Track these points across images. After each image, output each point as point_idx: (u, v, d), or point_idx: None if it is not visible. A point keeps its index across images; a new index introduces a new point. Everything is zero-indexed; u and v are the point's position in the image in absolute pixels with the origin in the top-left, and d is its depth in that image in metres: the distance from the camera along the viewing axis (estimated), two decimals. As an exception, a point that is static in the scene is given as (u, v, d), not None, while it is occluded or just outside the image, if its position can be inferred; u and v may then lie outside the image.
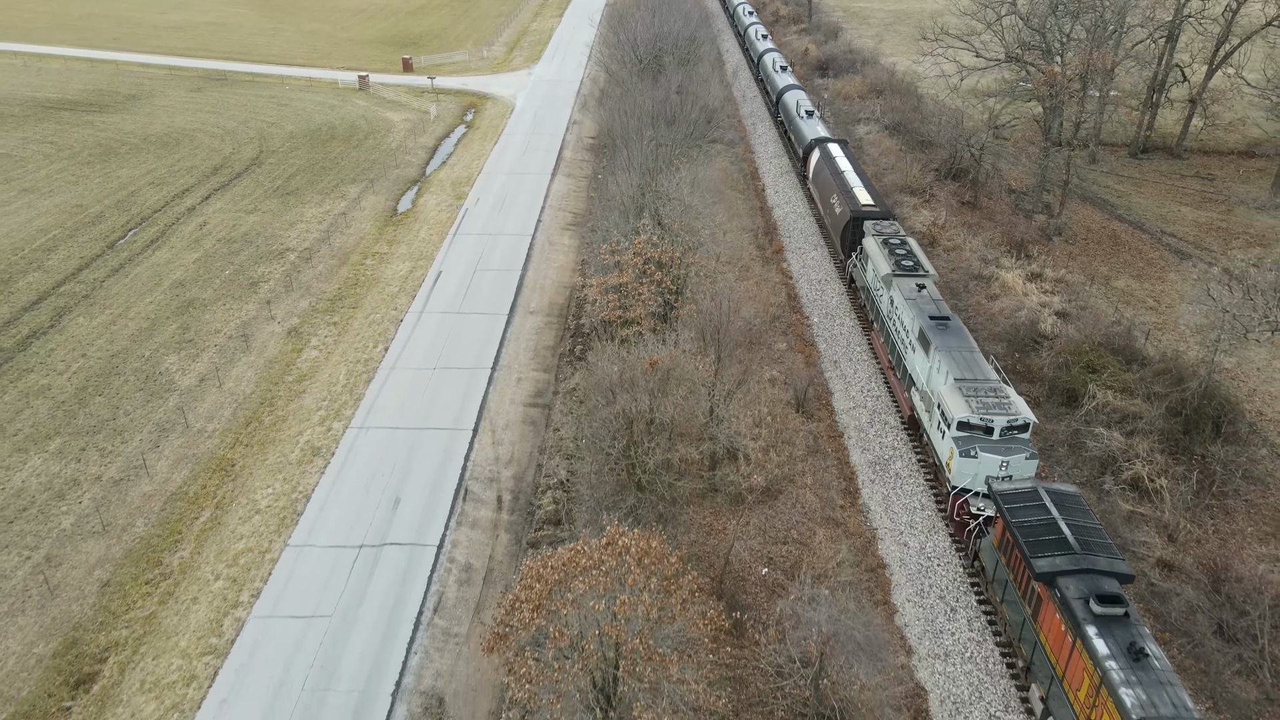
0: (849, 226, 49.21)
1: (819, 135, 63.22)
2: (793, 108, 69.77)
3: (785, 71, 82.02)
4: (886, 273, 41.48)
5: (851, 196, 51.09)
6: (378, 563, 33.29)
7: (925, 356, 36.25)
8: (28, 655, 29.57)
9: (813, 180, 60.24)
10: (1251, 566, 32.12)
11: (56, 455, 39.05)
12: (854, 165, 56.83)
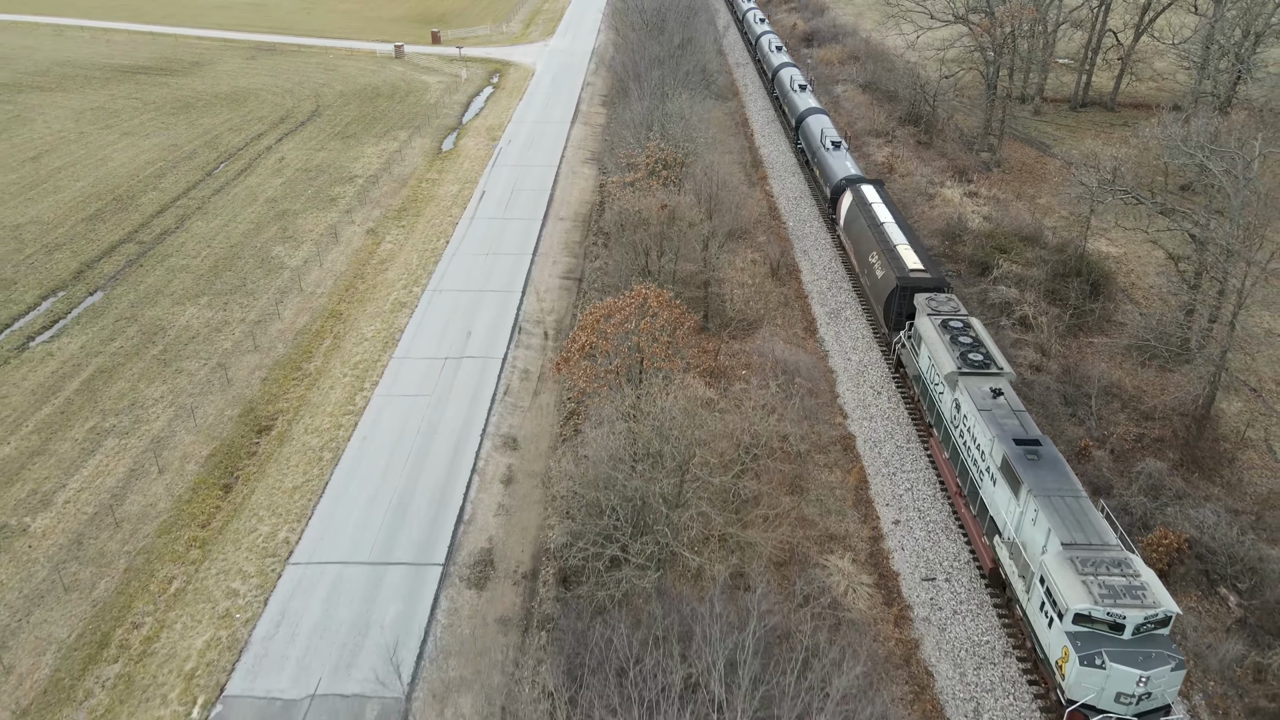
0: (895, 296, 42.33)
1: (850, 174, 56.51)
2: (817, 136, 63.82)
3: (804, 90, 76.17)
4: (950, 370, 34.24)
5: (896, 259, 43.94)
6: (460, 368, 45.55)
7: (1013, 497, 28.59)
8: (221, 416, 41.85)
9: (844, 229, 53.24)
10: (1092, 365, 44.44)
11: (207, 306, 51.31)
12: (896, 215, 49.34)
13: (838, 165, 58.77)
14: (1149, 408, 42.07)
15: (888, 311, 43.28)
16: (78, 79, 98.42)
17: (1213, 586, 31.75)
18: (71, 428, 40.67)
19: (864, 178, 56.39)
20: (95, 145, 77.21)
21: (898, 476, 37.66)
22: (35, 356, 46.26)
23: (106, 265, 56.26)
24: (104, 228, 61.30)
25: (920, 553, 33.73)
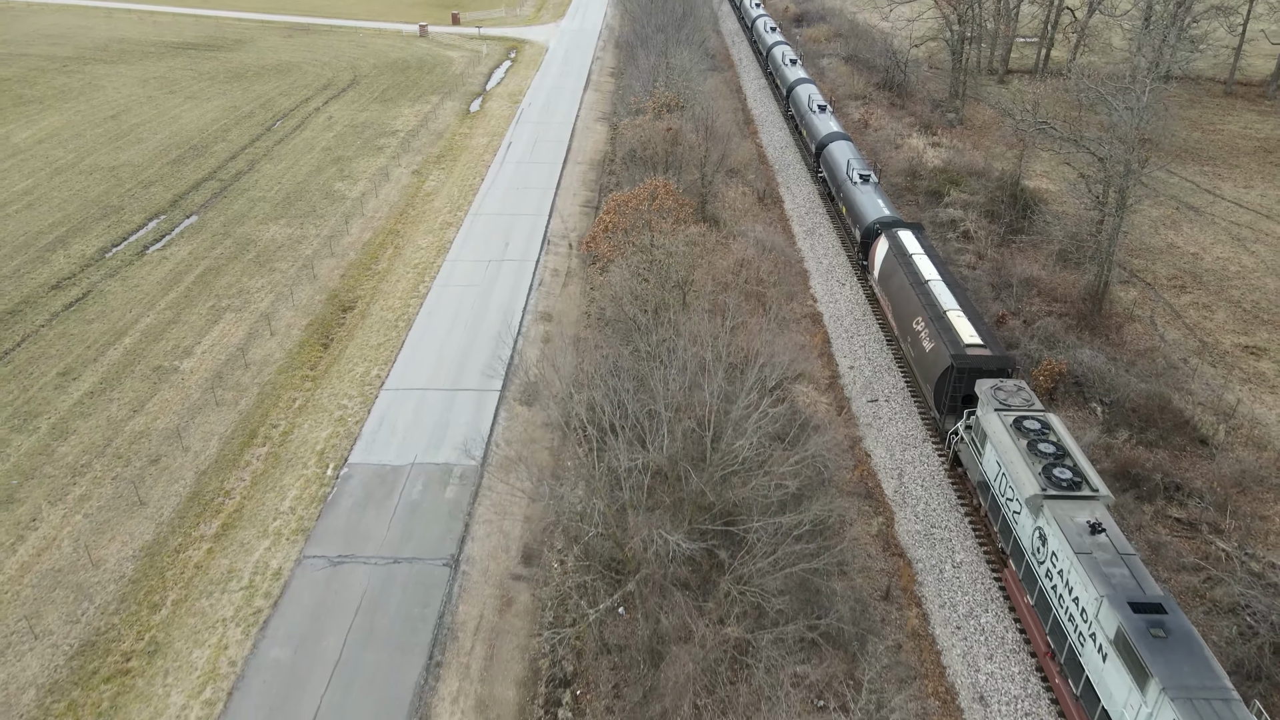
0: (949, 378, 35.97)
1: (885, 216, 50.42)
2: (843, 166, 57.48)
3: (824, 112, 69.57)
4: (1033, 493, 27.66)
5: (948, 330, 37.61)
6: (501, 268, 55.69)
7: (1135, 689, 22.24)
8: (312, 300, 52.01)
9: (880, 281, 47.00)
10: (1018, 265, 54.54)
11: (286, 225, 61.45)
12: (943, 270, 42.95)
13: (869, 205, 52.13)
14: (1059, 294, 52.20)
15: (939, 394, 36.43)
16: (135, 54, 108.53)
17: (1085, 401, 41.87)
18: (195, 306, 50.85)
19: (901, 220, 50.35)
20: (164, 107, 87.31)
21: (854, 340, 47.92)
22: (153, 260, 56.44)
23: (195, 197, 66.40)
24: (186, 169, 71.43)
25: (867, 385, 44.02)
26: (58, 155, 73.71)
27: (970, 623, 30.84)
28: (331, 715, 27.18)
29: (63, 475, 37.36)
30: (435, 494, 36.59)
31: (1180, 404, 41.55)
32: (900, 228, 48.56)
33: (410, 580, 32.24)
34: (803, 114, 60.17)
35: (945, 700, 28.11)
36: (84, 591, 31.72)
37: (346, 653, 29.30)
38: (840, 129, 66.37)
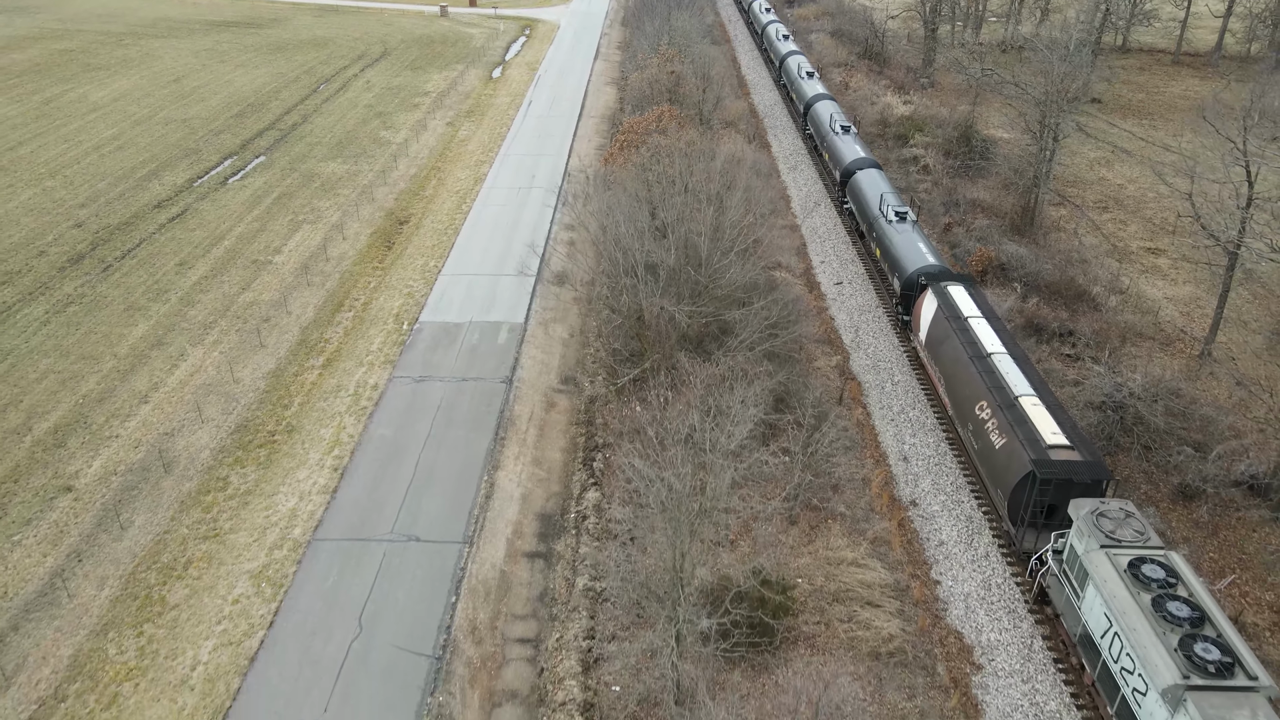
0: (1029, 488, 29.56)
1: (930, 266, 43.55)
2: (875, 202, 51.64)
3: (848, 132, 64.61)
4: (1171, 681, 21.50)
5: (1025, 425, 31.24)
6: (530, 194, 65.74)
7: None
8: (374, 215, 62.09)
9: (927, 346, 40.31)
10: (966, 189, 64.57)
11: (342, 163, 71.51)
12: (1008, 340, 36.88)
13: (908, 250, 45.26)
14: (999, 211, 62.26)
15: (1015, 505, 29.89)
16: (181, 30, 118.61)
17: (1008, 280, 51.88)
18: (276, 220, 60.94)
19: (948, 271, 43.24)
20: (218, 73, 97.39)
21: (825, 245, 58.06)
22: (234, 188, 66.53)
23: (260, 142, 76.49)
24: (249, 122, 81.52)
25: (834, 273, 54.19)
26: (133, 110, 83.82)
27: (901, 416, 41.00)
28: (428, 466, 37.28)
29: (197, 329, 47.48)
30: (490, 340, 46.73)
31: (1084, 283, 51.66)
32: (950, 282, 41.40)
33: (477, 391, 42.37)
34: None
35: (878, 459, 38.21)
36: (232, 396, 41.85)
37: (434, 431, 39.44)
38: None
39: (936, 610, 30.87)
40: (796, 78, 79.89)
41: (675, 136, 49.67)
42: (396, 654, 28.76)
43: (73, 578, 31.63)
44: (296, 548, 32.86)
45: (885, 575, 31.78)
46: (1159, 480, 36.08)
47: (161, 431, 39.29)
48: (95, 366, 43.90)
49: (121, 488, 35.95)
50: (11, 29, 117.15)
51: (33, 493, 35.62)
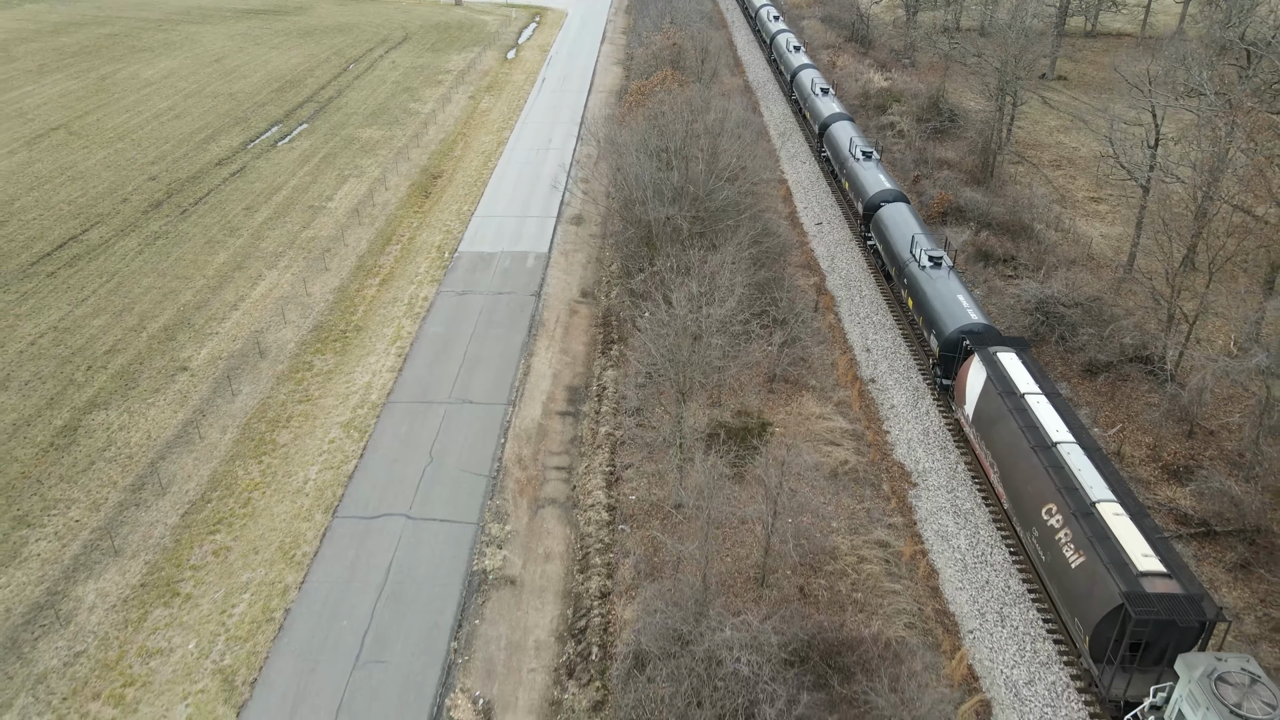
0: (1119, 624, 25.09)
1: (974, 325, 38.41)
2: (905, 242, 46.89)
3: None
4: None
5: (1109, 543, 26.55)
6: (548, 154, 73.91)
7: None
8: (410, 171, 70.27)
9: (975, 425, 35.45)
10: (935, 150, 72.73)
11: (377, 129, 79.69)
12: (1080, 430, 31.76)
13: (947, 302, 40.50)
14: (963, 168, 70.40)
15: (1099, 643, 25.64)
16: (214, 16, 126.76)
17: (964, 220, 60.00)
18: (325, 174, 69.09)
19: (995, 331, 38.41)
20: (254, 55, 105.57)
21: (809, 195, 66.31)
22: (284, 149, 74.70)
23: (301, 112, 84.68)
24: (288, 95, 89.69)
25: (815, 215, 62.41)
26: (183, 85, 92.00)
27: (866, 320, 49.23)
28: (474, 354, 45.44)
29: (269, 257, 55.69)
30: (519, 265, 54.95)
31: (1029, 221, 59.83)
32: (1000, 347, 36.54)
33: (511, 302, 50.59)
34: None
35: (845, 350, 46.39)
36: (306, 305, 50.07)
37: (477, 330, 47.64)
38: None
39: (885, 449, 39.10)
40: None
41: (677, 93, 57.79)
42: (460, 474, 36.98)
43: (200, 427, 39.84)
44: (374, 408, 41.07)
45: (846, 425, 40.02)
46: (1071, 361, 44.31)
47: (252, 330, 47.51)
48: (188, 284, 52.12)
49: (227, 368, 44.15)
50: (55, 15, 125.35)
51: (156, 371, 43.82)
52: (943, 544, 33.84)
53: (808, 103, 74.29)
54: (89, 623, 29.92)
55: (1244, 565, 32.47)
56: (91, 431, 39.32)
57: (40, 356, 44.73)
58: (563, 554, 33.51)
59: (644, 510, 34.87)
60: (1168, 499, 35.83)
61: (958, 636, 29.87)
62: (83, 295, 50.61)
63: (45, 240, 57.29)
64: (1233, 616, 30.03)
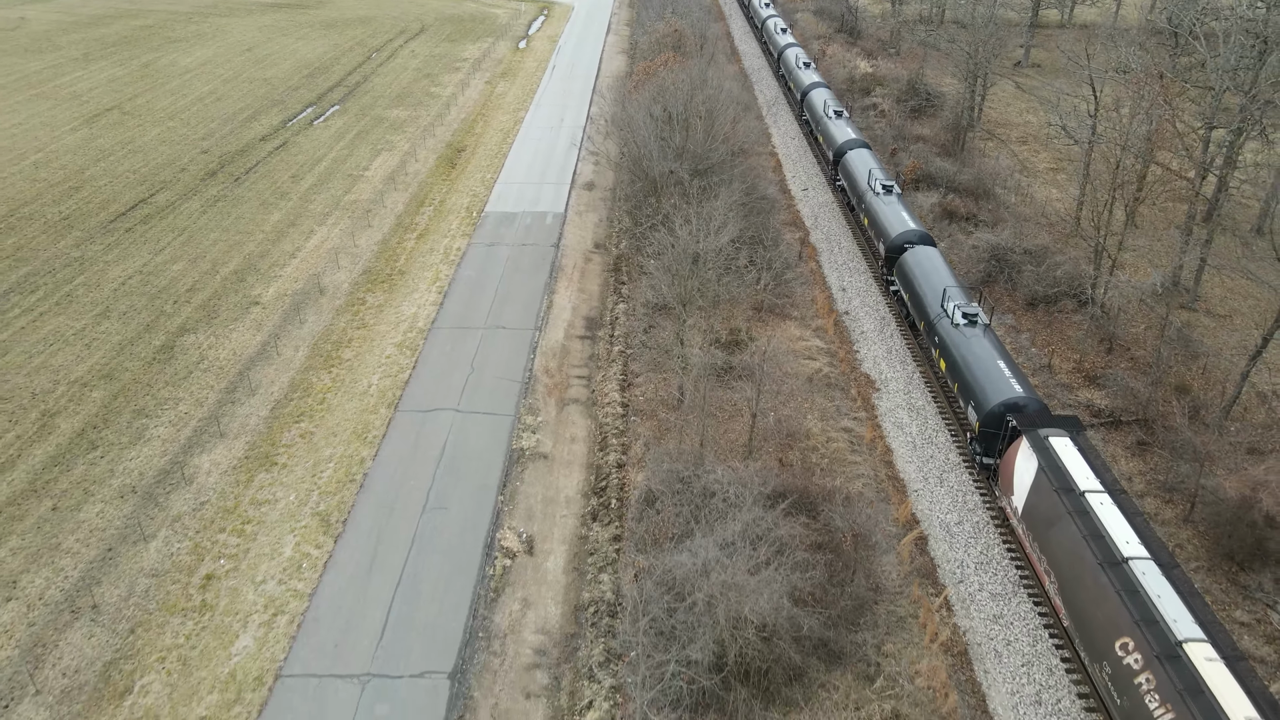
0: None
1: (1020, 398, 34.44)
2: (935, 297, 42.86)
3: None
4: None
5: (1202, 699, 22.14)
6: (560, 131, 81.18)
7: None
8: (437, 145, 77.56)
9: (1025, 520, 31.24)
10: (913, 127, 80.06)
11: (403, 110, 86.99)
12: (1153, 541, 27.25)
13: (985, 369, 36.74)
14: (936, 142, 77.70)
15: None
16: (240, 10, 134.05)
17: (934, 186, 67.29)
18: (359, 148, 76.40)
19: (1042, 408, 34.41)
20: (282, 44, 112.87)
21: (798, 165, 73.68)
22: (320, 127, 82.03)
23: (332, 95, 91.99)
24: (318, 81, 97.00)
25: (802, 182, 69.77)
26: (219, 72, 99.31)
27: (843, 266, 56.57)
28: (504, 292, 52.72)
29: (318, 216, 63.01)
30: (539, 223, 62.29)
31: (992, 187, 67.13)
32: (1051, 430, 32.28)
33: (533, 252, 57.90)
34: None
35: (824, 289, 53.69)
36: (355, 254, 57.39)
37: (505, 273, 54.97)
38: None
39: (854, 364, 46.44)
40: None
41: (679, 70, 65.10)
42: (498, 380, 44.33)
43: (277, 346, 47.18)
44: (421, 332, 48.41)
45: (821, 344, 47.40)
46: (1016, 297, 51.65)
47: (310, 273, 54.85)
48: (250, 238, 59.46)
49: (292, 303, 51.48)
50: (88, 8, 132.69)
51: (232, 305, 51.16)
52: (898, 431, 41.23)
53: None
54: (208, 482, 37.27)
55: (1141, 444, 39.82)
56: (186, 350, 46.66)
57: (132, 293, 52.07)
58: (585, 438, 40.86)
59: (651, 406, 42.21)
60: (1086, 399, 43.21)
61: (905, 493, 37.24)
62: (159, 246, 57.94)
63: (119, 202, 64.62)
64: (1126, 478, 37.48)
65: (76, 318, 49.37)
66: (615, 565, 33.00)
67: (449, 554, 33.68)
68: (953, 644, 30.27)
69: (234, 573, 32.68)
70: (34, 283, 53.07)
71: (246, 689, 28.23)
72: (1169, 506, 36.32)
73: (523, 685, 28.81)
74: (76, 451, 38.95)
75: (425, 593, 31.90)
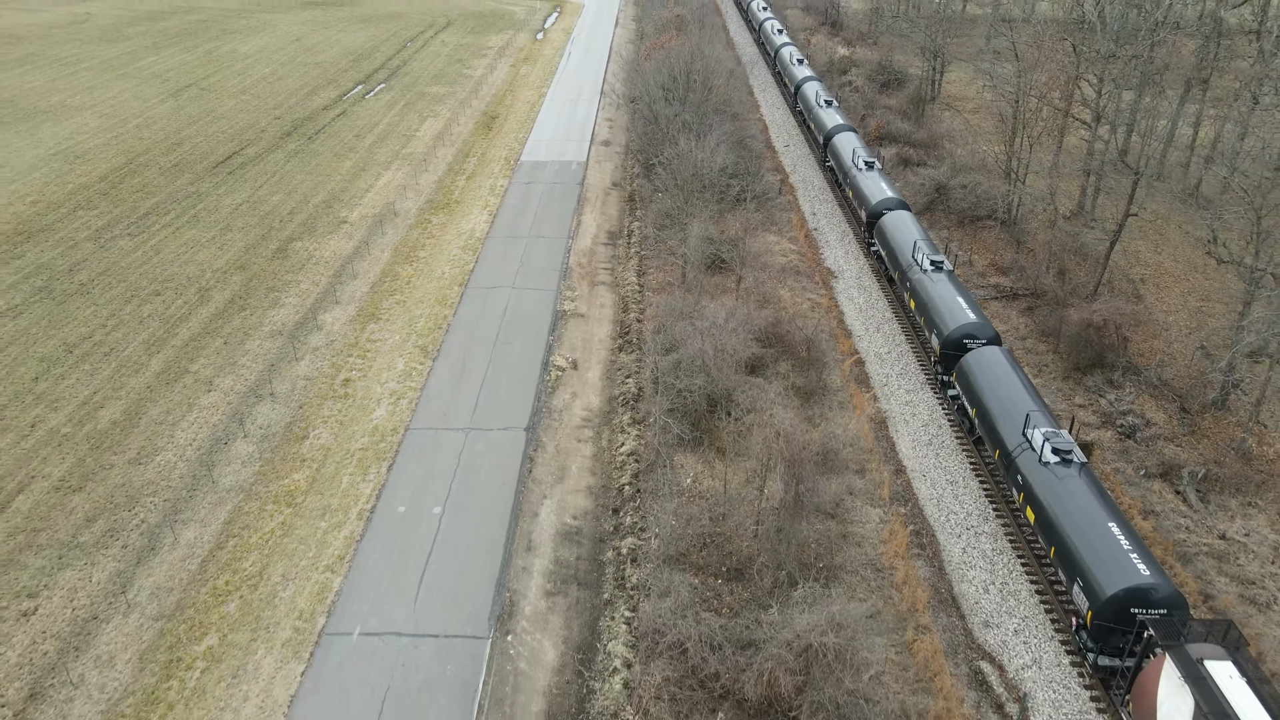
0: None
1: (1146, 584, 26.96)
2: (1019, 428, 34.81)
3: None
4: None
5: None
6: (578, 104, 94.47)
7: None
8: (474, 112, 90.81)
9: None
10: (882, 100, 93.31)
11: (442, 87, 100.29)
12: None
13: (1099, 550, 28.75)
14: (902, 112, 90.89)
15: None
16: (282, 7, 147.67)
17: (895, 141, 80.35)
18: (408, 116, 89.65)
19: (1178, 603, 26.81)
20: (326, 35, 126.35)
21: (783, 131, 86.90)
22: (371, 100, 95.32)
23: (378, 75, 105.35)
24: (363, 65, 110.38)
25: (785, 140, 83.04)
26: (276, 57, 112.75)
27: (815, 199, 69.80)
28: (541, 215, 65.80)
29: (382, 164, 76.18)
30: (565, 169, 75.49)
31: (941, 141, 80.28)
32: (1213, 654, 24.22)
33: (563, 188, 71.05)
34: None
35: (799, 214, 66.80)
36: (418, 190, 70.54)
37: (541, 201, 68.08)
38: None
39: (818, 260, 59.53)
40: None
41: (681, 42, 78.39)
42: (542, 270, 57.39)
43: (367, 250, 60.20)
44: (479, 240, 61.48)
45: (794, 248, 60.50)
46: (950, 216, 64.79)
47: (384, 202, 68.00)
48: (329, 178, 72.62)
49: (374, 221, 64.56)
50: (145, 5, 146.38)
51: (326, 224, 64.23)
52: (848, 302, 54.35)
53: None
54: (334, 329, 50.28)
55: (1029, 309, 52.85)
56: (296, 252, 59.74)
57: (244, 215, 65.21)
58: (611, 305, 53.89)
59: (660, 285, 55.24)
60: (995, 283, 56.25)
61: (850, 337, 50.27)
62: (257, 185, 71.10)
63: (215, 155, 77.82)
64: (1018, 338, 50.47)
65: (205, 231, 62.48)
66: (639, 368, 46.05)
67: (516, 369, 46.70)
68: (876, 416, 43.28)
69: (364, 377, 45.69)
70: (165, 208, 66.23)
71: (386, 435, 41.18)
72: (1043, 343, 49.41)
73: (575, 435, 41.78)
74: (231, 311, 51.98)
75: (502, 389, 44.90)
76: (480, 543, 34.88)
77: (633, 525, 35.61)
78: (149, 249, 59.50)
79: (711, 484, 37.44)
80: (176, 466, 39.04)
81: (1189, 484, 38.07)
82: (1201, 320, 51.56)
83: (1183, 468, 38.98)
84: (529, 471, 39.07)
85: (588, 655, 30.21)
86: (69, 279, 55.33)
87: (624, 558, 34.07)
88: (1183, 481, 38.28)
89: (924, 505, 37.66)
